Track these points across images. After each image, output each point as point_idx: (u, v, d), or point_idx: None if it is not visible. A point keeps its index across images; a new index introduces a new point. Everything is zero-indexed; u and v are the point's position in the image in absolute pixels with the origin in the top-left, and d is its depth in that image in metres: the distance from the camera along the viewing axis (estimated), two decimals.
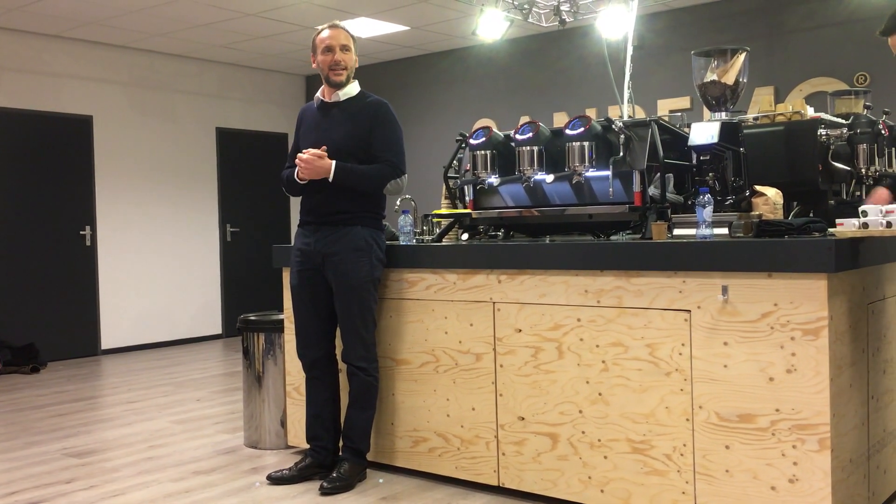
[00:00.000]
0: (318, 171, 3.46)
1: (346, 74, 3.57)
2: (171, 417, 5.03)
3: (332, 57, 3.54)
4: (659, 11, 6.95)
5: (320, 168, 3.46)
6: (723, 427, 2.80)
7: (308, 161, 3.45)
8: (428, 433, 3.59)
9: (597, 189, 3.45)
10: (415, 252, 3.64)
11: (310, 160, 3.45)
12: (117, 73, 8.01)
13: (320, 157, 3.45)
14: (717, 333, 2.80)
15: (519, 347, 3.29)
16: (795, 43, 6.55)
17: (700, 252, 2.82)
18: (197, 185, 8.66)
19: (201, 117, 8.71)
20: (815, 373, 2.61)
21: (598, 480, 3.10)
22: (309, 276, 3.61)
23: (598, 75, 6.45)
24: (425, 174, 7.68)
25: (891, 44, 2.79)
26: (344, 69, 3.56)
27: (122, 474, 3.86)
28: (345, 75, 3.57)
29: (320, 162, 3.45)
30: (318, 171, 3.46)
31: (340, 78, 3.57)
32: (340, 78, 3.57)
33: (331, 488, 3.46)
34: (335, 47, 3.55)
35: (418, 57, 8.69)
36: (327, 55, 3.55)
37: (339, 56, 3.55)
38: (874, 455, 2.97)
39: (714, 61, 3.54)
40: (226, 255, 8.90)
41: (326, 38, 3.56)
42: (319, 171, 3.46)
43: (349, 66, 3.57)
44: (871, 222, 2.62)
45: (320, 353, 3.66)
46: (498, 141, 3.66)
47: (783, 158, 3.42)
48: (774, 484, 2.69)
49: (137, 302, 8.10)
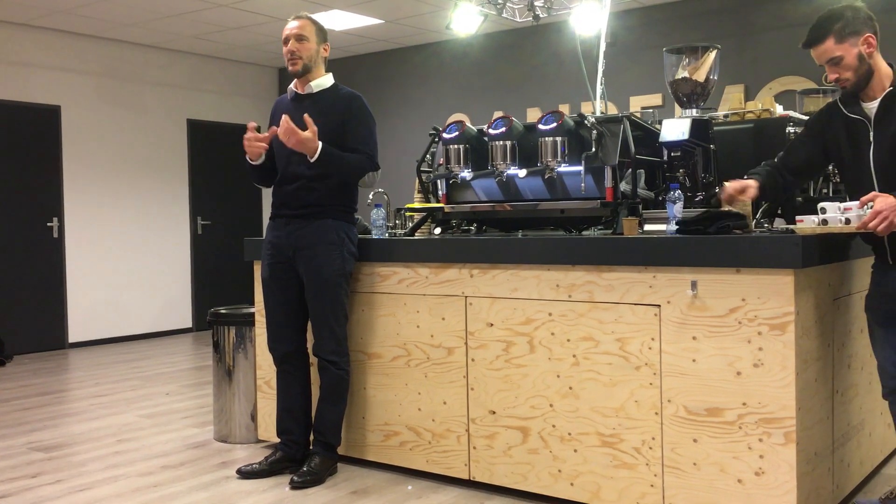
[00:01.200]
0: (305, 146, 3.40)
1: (302, 64, 3.53)
2: (140, 412, 4.98)
3: (286, 47, 3.53)
4: (632, 8, 7.00)
5: (307, 143, 3.39)
6: (691, 421, 2.83)
7: (292, 131, 3.35)
8: (399, 427, 3.59)
9: (569, 184, 3.47)
10: (387, 246, 3.63)
11: (293, 128, 3.36)
12: (86, 62, 7.90)
13: (313, 133, 3.39)
14: (686, 328, 2.83)
15: (490, 341, 3.30)
16: (765, 42, 6.62)
17: (670, 247, 2.85)
18: (167, 177, 8.57)
19: (172, 109, 8.61)
20: (782, 367, 2.65)
21: (567, 474, 3.12)
22: (280, 269, 3.59)
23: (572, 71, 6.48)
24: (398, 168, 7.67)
25: (813, 55, 2.82)
26: (299, 59, 3.53)
27: (89, 469, 3.82)
28: (300, 65, 3.53)
29: (306, 136, 3.38)
30: (304, 144, 3.39)
31: (296, 68, 3.55)
32: (296, 68, 3.55)
33: (301, 482, 3.45)
34: (290, 38, 3.53)
35: (392, 51, 8.66)
36: (284, 46, 3.55)
37: (292, 46, 3.53)
38: (838, 448, 3.02)
39: (685, 58, 3.58)
40: (196, 247, 8.82)
41: (285, 29, 3.56)
42: (306, 146, 3.40)
43: (304, 56, 3.53)
44: (830, 219, 2.65)
45: (291, 346, 3.64)
46: (471, 135, 3.66)
47: (752, 155, 3.46)
48: (741, 477, 2.73)
49: (106, 295, 8.00)
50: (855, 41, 2.75)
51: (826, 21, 2.78)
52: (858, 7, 2.80)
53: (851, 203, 2.65)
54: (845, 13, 2.76)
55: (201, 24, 7.48)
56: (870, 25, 2.78)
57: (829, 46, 2.77)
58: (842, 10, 2.77)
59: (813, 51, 2.83)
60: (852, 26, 2.75)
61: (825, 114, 2.98)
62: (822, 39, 2.78)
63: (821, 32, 2.78)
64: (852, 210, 2.63)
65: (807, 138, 3.02)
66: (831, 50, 2.77)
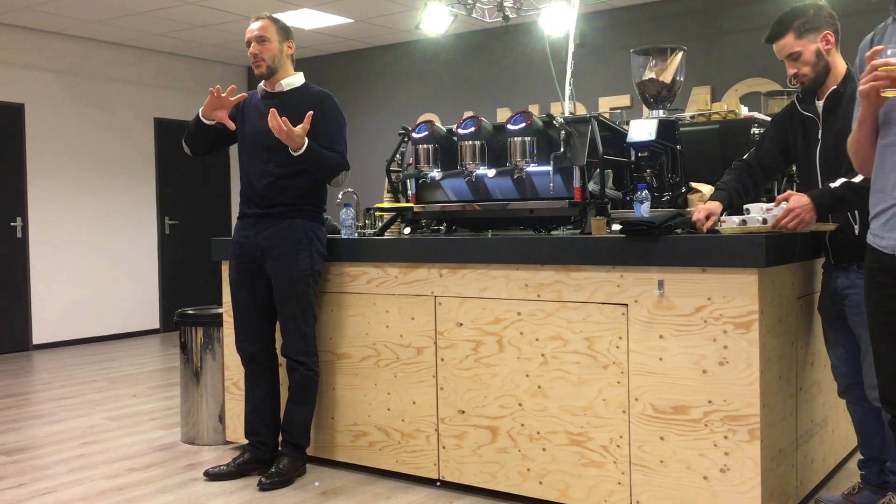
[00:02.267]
0: (291, 138, 3.37)
1: (266, 66, 3.53)
2: (105, 414, 4.92)
3: (249, 50, 3.53)
4: (600, 10, 7.04)
5: (294, 137, 3.36)
6: (658, 419, 2.85)
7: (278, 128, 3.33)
8: (368, 427, 3.58)
9: (538, 184, 3.48)
10: (356, 246, 3.62)
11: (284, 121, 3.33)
12: (50, 60, 7.77)
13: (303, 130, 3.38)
14: (653, 327, 2.85)
15: (460, 341, 3.31)
16: (732, 44, 6.70)
17: (638, 247, 2.87)
18: (134, 176, 8.46)
19: (139, 107, 8.51)
20: (746, 365, 2.69)
21: (536, 472, 3.13)
22: (248, 269, 3.56)
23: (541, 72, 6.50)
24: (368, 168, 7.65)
25: (775, 50, 2.90)
26: (262, 61, 3.53)
27: (53, 472, 3.76)
28: (264, 66, 3.53)
29: (297, 132, 3.36)
30: (290, 137, 3.36)
31: (260, 70, 3.55)
32: (260, 70, 3.55)
33: (269, 483, 3.43)
34: (252, 40, 3.53)
35: (362, 50, 8.64)
36: (248, 49, 3.55)
37: (254, 49, 3.53)
38: (802, 445, 3.07)
39: (652, 60, 3.61)
40: (164, 247, 8.72)
41: (247, 32, 3.56)
42: (291, 139, 3.37)
43: (266, 57, 3.52)
44: (749, 219, 2.77)
45: (259, 347, 3.61)
46: (440, 135, 3.67)
47: (718, 156, 3.50)
48: (707, 474, 2.76)
49: (70, 296, 7.88)
50: (814, 37, 2.82)
51: (787, 17, 2.85)
52: (821, 6, 2.86)
53: (771, 204, 2.77)
54: (807, 11, 2.83)
55: (168, 21, 7.40)
56: (830, 23, 2.84)
57: (789, 41, 2.84)
58: (804, 8, 2.85)
59: (774, 45, 2.89)
60: (812, 23, 2.82)
61: (786, 112, 3.07)
62: (782, 34, 2.85)
63: (782, 28, 2.85)
64: (773, 211, 2.74)
65: (772, 136, 3.09)
66: (790, 45, 2.84)
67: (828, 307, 2.98)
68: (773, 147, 3.06)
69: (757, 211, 2.82)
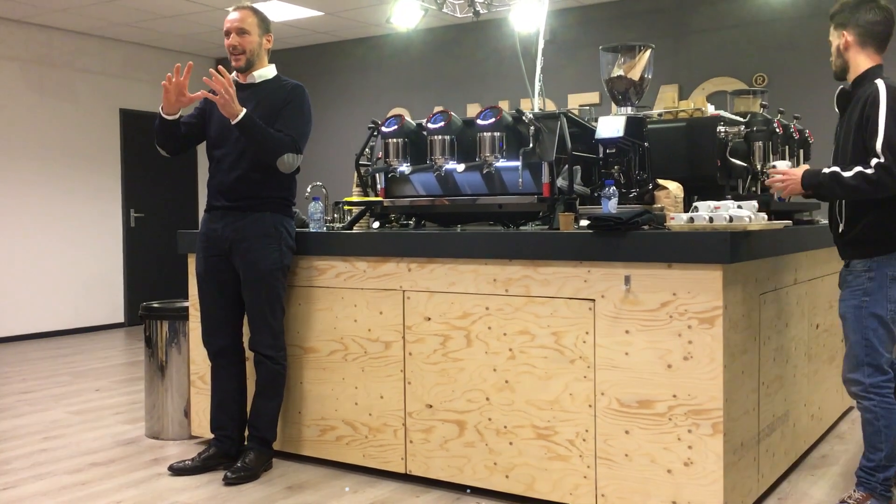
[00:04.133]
0: (229, 107, 3.30)
1: (245, 59, 3.48)
2: (68, 408, 4.85)
3: (228, 41, 3.47)
4: (570, 7, 7.08)
5: (231, 104, 3.30)
6: (623, 413, 2.88)
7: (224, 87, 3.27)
8: (336, 422, 3.57)
9: (507, 179, 3.49)
10: (325, 239, 3.61)
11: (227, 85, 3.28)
12: (12, 48, 7.62)
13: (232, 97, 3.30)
14: (619, 322, 2.88)
15: (428, 336, 3.31)
16: (699, 43, 6.78)
17: (604, 243, 2.90)
18: (99, 168, 8.34)
19: (104, 98, 8.38)
20: (710, 360, 2.72)
21: (503, 466, 3.15)
22: (215, 262, 3.53)
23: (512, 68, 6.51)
24: (337, 161, 7.62)
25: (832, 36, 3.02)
26: (242, 53, 3.47)
27: (13, 466, 3.70)
28: (244, 59, 3.48)
29: (232, 98, 3.30)
30: (229, 105, 3.30)
31: (239, 63, 3.49)
32: (239, 63, 3.49)
33: (235, 478, 3.41)
34: (231, 31, 3.47)
35: (332, 43, 8.59)
36: (226, 39, 3.49)
37: (234, 40, 3.47)
38: (764, 439, 3.12)
39: (621, 57, 3.64)
40: (129, 240, 8.61)
41: (226, 21, 3.49)
42: (229, 107, 3.31)
43: (248, 49, 3.48)
44: (697, 217, 2.87)
45: (226, 341, 3.59)
46: (410, 129, 3.66)
47: (684, 153, 3.54)
48: (671, 467, 2.80)
49: (34, 288, 7.75)
50: (839, 33, 2.98)
51: (834, 8, 3.01)
52: (869, 6, 2.92)
53: (721, 203, 2.92)
54: (845, 7, 2.96)
55: (135, 10, 7.30)
56: (856, 24, 2.92)
57: (831, 30, 3.03)
58: (851, 3, 2.95)
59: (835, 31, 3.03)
60: (841, 18, 2.97)
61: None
62: (831, 20, 3.02)
63: (831, 14, 3.01)
64: (721, 209, 2.87)
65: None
66: (830, 34, 3.03)
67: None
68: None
69: (704, 209, 2.91)
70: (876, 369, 2.86)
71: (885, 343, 2.88)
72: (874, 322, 2.86)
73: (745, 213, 2.85)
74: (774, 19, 6.43)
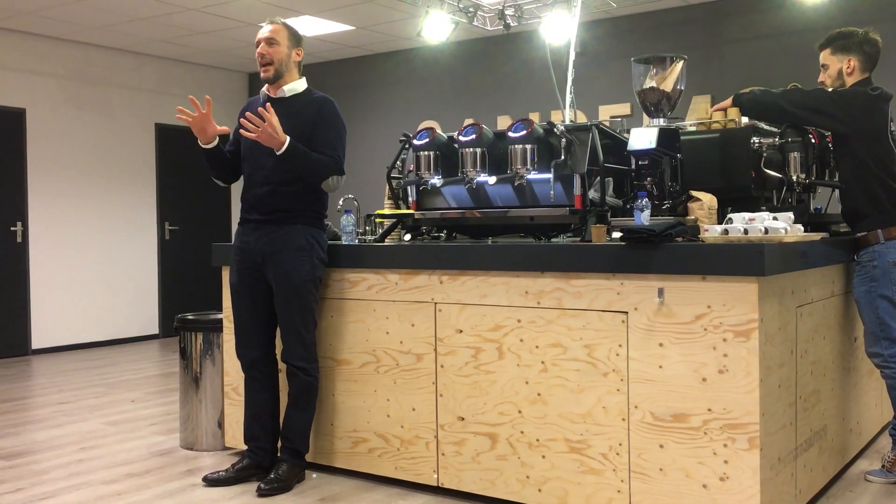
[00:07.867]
0: (272, 140, 3.35)
1: (273, 69, 3.50)
2: (104, 419, 4.91)
3: (257, 51, 3.52)
4: (601, 18, 7.06)
5: (275, 136, 3.34)
6: (657, 426, 2.85)
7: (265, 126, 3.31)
8: (368, 434, 3.58)
9: (538, 191, 3.49)
10: (357, 252, 3.62)
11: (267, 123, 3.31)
12: (52, 65, 7.79)
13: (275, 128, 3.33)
14: (652, 335, 2.86)
15: (459, 348, 3.31)
16: (732, 53, 6.73)
17: (638, 255, 2.88)
18: (135, 181, 8.47)
19: (140, 113, 8.52)
20: (746, 373, 2.69)
21: (535, 480, 3.13)
22: (249, 274, 3.57)
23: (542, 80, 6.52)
24: (369, 174, 7.66)
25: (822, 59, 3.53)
26: (269, 63, 3.50)
27: (51, 476, 3.76)
28: (271, 70, 3.51)
29: (276, 131, 3.34)
30: (271, 138, 3.35)
31: (267, 73, 3.52)
32: (267, 73, 3.52)
33: (268, 489, 3.42)
34: (261, 41, 3.51)
35: (363, 57, 8.66)
36: (256, 50, 3.53)
37: (262, 49, 3.51)
38: (801, 454, 3.07)
39: (653, 68, 3.62)
40: (164, 253, 8.72)
41: (258, 34, 3.54)
42: (272, 140, 3.35)
43: (275, 60, 3.50)
44: (731, 229, 2.91)
45: (259, 352, 3.61)
46: (441, 142, 3.68)
47: (718, 165, 3.52)
48: (706, 482, 2.76)
49: (70, 301, 7.88)
50: (842, 58, 3.45)
51: (835, 34, 3.48)
52: (869, 37, 3.44)
53: (756, 214, 2.98)
54: (850, 35, 3.44)
55: (170, 27, 7.43)
56: (861, 52, 3.42)
57: (826, 54, 3.50)
58: (850, 32, 3.45)
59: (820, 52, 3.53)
60: (844, 44, 3.44)
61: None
62: (825, 46, 3.50)
63: (827, 41, 3.49)
64: (755, 221, 2.92)
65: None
66: (825, 57, 3.50)
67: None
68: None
69: (739, 221, 2.94)
70: (892, 342, 3.33)
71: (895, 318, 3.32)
72: (884, 302, 3.33)
73: (781, 224, 2.82)
74: (807, 28, 6.36)
